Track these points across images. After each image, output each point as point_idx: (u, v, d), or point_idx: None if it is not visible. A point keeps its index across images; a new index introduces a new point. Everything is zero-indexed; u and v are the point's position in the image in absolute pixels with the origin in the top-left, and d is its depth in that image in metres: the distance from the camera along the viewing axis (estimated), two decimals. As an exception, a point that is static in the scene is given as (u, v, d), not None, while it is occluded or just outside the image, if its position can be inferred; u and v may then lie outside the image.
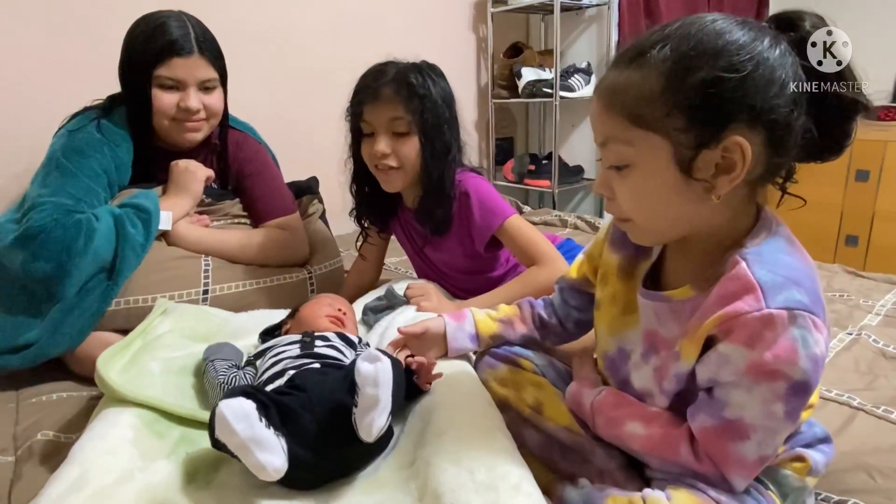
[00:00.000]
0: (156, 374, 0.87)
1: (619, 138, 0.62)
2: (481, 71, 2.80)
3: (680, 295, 0.66)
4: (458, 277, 1.29)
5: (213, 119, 1.31)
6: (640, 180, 0.62)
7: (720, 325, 0.58)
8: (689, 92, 0.57)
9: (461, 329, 0.92)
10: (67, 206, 1.12)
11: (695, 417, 0.63)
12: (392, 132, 1.13)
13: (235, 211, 1.41)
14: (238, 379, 0.85)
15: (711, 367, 0.60)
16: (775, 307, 0.55)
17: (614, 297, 0.77)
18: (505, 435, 0.72)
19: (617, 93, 0.61)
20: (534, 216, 2.29)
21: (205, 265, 1.26)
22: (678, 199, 0.61)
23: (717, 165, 0.59)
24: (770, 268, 0.58)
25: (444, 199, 1.17)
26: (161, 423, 0.80)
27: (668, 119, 0.58)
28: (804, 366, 0.55)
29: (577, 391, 0.78)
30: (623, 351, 0.75)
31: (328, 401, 0.70)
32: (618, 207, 0.66)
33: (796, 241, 0.64)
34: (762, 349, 0.55)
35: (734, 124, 0.57)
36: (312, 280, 1.40)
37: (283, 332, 1.03)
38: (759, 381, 0.56)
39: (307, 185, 1.63)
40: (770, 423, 0.58)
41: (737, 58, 0.56)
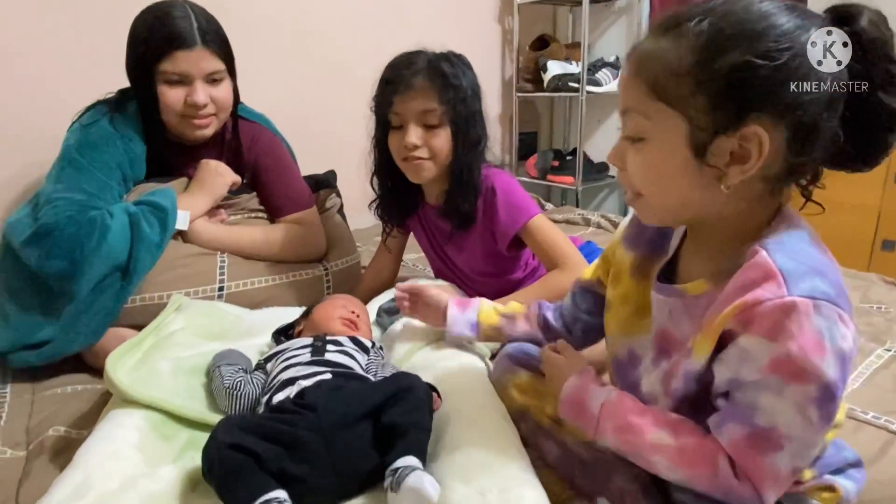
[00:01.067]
0: (165, 373, 0.85)
1: (638, 109, 0.59)
2: (506, 63, 2.75)
3: (694, 289, 0.62)
4: (477, 279, 1.26)
5: (223, 113, 1.28)
6: (652, 156, 0.59)
7: (738, 315, 0.54)
8: (717, 73, 0.54)
9: (463, 316, 0.92)
10: (81, 202, 1.12)
11: (722, 428, 0.57)
12: (423, 124, 1.09)
13: (252, 205, 1.40)
14: (244, 384, 0.83)
15: (731, 365, 0.55)
16: (798, 295, 0.51)
17: (626, 297, 0.73)
18: (520, 453, 0.69)
19: (646, 60, 0.58)
20: (556, 214, 2.24)
21: (220, 262, 1.25)
22: (687, 181, 0.58)
23: (732, 154, 0.56)
24: (792, 255, 0.54)
25: (470, 193, 1.14)
26: (168, 425, 0.78)
27: (691, 97, 0.55)
28: (833, 363, 0.51)
29: (581, 387, 0.68)
30: (634, 354, 0.72)
31: (340, 423, 0.68)
32: (628, 180, 0.63)
33: (819, 239, 0.60)
34: (785, 340, 0.51)
35: (757, 114, 0.54)
36: (329, 276, 1.38)
37: (295, 332, 1.01)
38: (789, 382, 0.52)
39: (324, 179, 1.60)
40: (806, 431, 0.53)
41: (774, 45, 0.53)
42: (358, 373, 0.84)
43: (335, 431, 0.67)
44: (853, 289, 1.45)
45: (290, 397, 0.75)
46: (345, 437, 0.67)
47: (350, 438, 0.68)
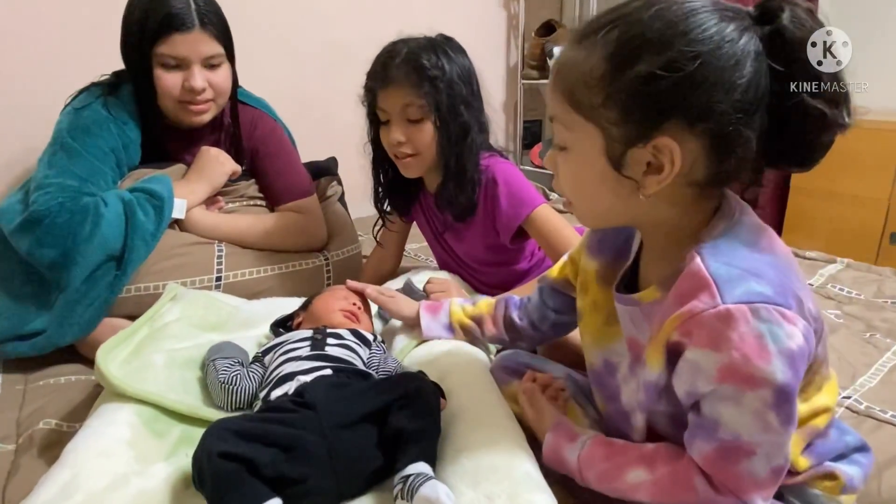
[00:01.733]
0: (159, 366, 0.82)
1: (560, 119, 0.59)
2: (511, 50, 2.69)
3: (647, 297, 0.62)
4: (480, 269, 1.23)
5: (221, 98, 1.24)
6: (574, 165, 0.60)
7: (679, 328, 0.54)
8: (624, 84, 0.53)
9: (435, 321, 0.93)
10: (73, 188, 1.08)
11: (692, 446, 0.57)
12: (406, 118, 1.07)
13: (251, 192, 1.36)
14: (240, 378, 0.80)
15: (685, 378, 0.55)
16: (732, 302, 0.51)
17: (595, 306, 0.72)
18: (528, 456, 0.67)
19: (563, 70, 0.58)
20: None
21: (218, 251, 1.22)
22: (608, 191, 0.58)
23: (649, 164, 0.55)
24: (726, 260, 0.54)
25: (465, 185, 1.11)
26: (161, 420, 0.75)
27: (603, 109, 0.55)
28: (780, 365, 0.50)
29: (554, 445, 0.69)
30: (610, 364, 0.70)
31: (341, 424, 0.65)
32: (559, 186, 0.63)
33: (765, 230, 0.59)
34: (729, 350, 0.51)
35: (668, 125, 0.53)
36: (329, 266, 1.35)
37: (294, 324, 0.98)
38: (743, 389, 0.52)
39: (325, 166, 1.57)
40: (770, 435, 0.53)
41: (681, 54, 0.51)
42: (360, 368, 0.81)
43: (337, 432, 0.64)
44: (866, 283, 1.41)
45: (288, 394, 0.73)
46: (347, 438, 0.65)
47: (352, 439, 0.65)
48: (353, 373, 0.79)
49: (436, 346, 0.92)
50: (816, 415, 0.62)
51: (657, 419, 0.64)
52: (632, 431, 0.68)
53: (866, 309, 1.27)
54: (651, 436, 0.66)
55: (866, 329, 1.20)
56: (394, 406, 0.66)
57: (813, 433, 0.63)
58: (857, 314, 1.25)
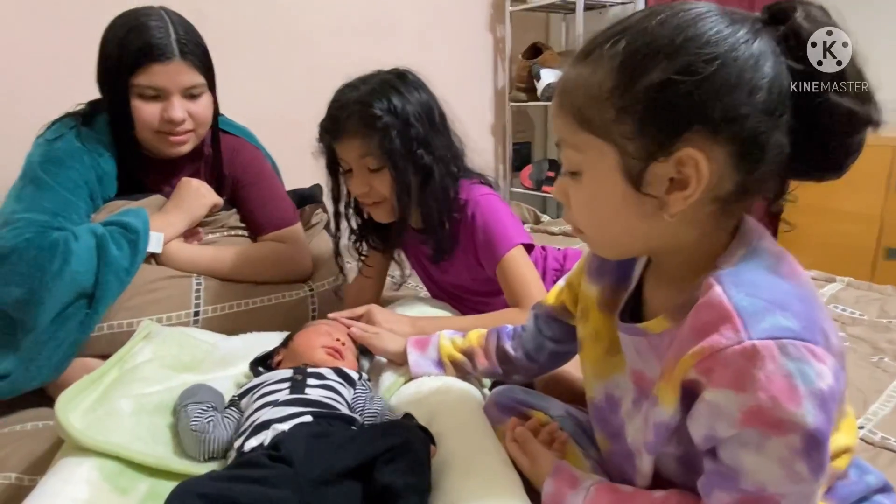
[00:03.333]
0: (125, 413, 0.76)
1: (568, 141, 0.56)
2: (498, 73, 2.69)
3: (655, 327, 0.57)
4: (472, 299, 1.19)
5: (201, 128, 1.20)
6: (589, 189, 0.55)
7: (698, 365, 0.49)
8: (638, 95, 0.49)
9: (425, 357, 0.88)
10: (42, 223, 1.03)
11: (710, 496, 0.52)
12: (366, 168, 1.04)
13: (232, 222, 1.32)
14: (213, 426, 0.74)
15: (703, 422, 0.50)
16: (758, 338, 0.46)
17: (597, 335, 0.67)
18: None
19: (568, 90, 0.55)
20: (552, 226, 2.17)
21: (196, 284, 1.17)
22: (628, 213, 0.54)
23: (672, 180, 0.51)
24: (749, 290, 0.49)
25: (434, 228, 1.08)
26: (126, 475, 0.69)
27: (616, 124, 0.51)
28: (812, 408, 0.45)
29: (555, 493, 0.64)
30: (612, 398, 0.66)
31: (321, 480, 0.60)
32: (571, 217, 0.59)
33: (786, 256, 0.54)
34: (755, 391, 0.46)
35: (690, 134, 0.49)
36: (314, 297, 1.29)
37: (274, 363, 0.92)
38: (768, 434, 0.47)
39: (310, 193, 1.53)
40: (799, 486, 0.48)
41: (696, 57, 0.48)
42: (342, 413, 0.76)
43: (316, 489, 0.59)
44: (868, 302, 1.38)
45: (264, 445, 0.67)
46: (327, 497, 0.59)
47: (333, 497, 0.59)
48: (335, 418, 0.73)
49: (424, 384, 0.86)
50: (837, 456, 0.57)
51: (665, 461, 0.59)
52: (635, 474, 0.62)
53: (871, 330, 1.23)
54: (657, 479, 0.61)
55: (873, 352, 1.15)
56: (379, 460, 0.61)
57: (834, 476, 0.58)
58: (863, 336, 1.21)
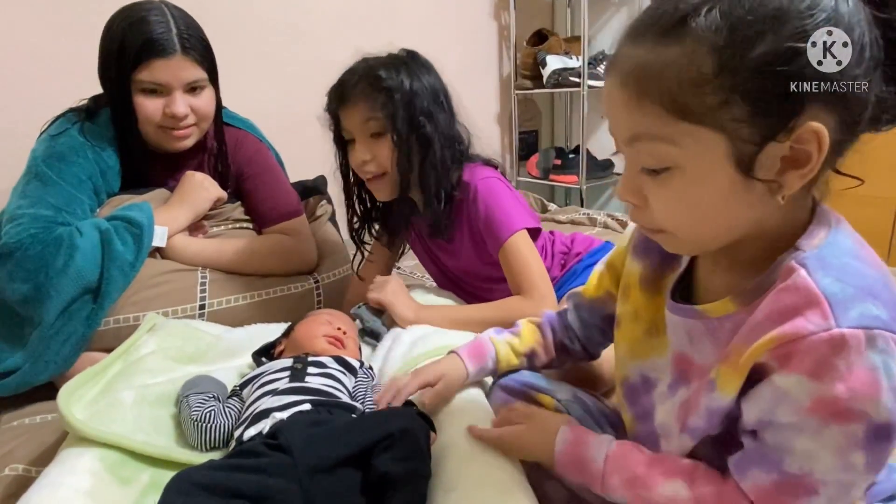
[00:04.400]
0: (127, 405, 0.76)
1: (655, 135, 0.49)
2: (503, 60, 2.66)
3: (718, 310, 0.54)
4: (480, 285, 1.18)
5: (204, 122, 1.20)
6: (685, 185, 0.49)
7: (775, 350, 0.46)
8: (750, 72, 0.44)
9: (483, 370, 0.80)
10: (47, 218, 1.04)
11: (745, 473, 0.51)
12: (369, 134, 1.03)
13: (237, 215, 1.32)
14: (214, 415, 0.74)
15: (763, 405, 0.48)
16: (847, 326, 0.44)
17: (637, 315, 0.65)
18: (525, 493, 0.61)
19: (650, 77, 0.47)
20: (560, 214, 2.15)
21: (201, 278, 1.17)
22: (735, 203, 0.49)
23: (784, 158, 0.47)
24: (837, 275, 0.46)
25: (431, 200, 1.06)
26: (128, 465, 0.70)
27: (725, 108, 0.45)
28: (888, 402, 0.44)
29: (575, 439, 0.62)
30: (647, 379, 0.64)
31: (319, 468, 0.59)
32: (650, 217, 0.53)
33: (863, 241, 0.51)
34: (832, 381, 0.44)
35: (809, 107, 0.45)
36: (319, 290, 1.29)
37: (276, 353, 0.92)
38: (829, 423, 0.45)
39: (314, 185, 1.52)
40: (847, 476, 0.46)
41: (809, 19, 0.44)
42: (343, 401, 0.75)
43: (314, 477, 0.59)
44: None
45: (262, 434, 0.67)
46: (325, 485, 0.59)
47: (331, 486, 0.59)
48: (335, 406, 0.73)
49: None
50: None
51: (700, 443, 0.57)
52: None
53: None
54: None
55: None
56: (378, 447, 0.60)
57: None
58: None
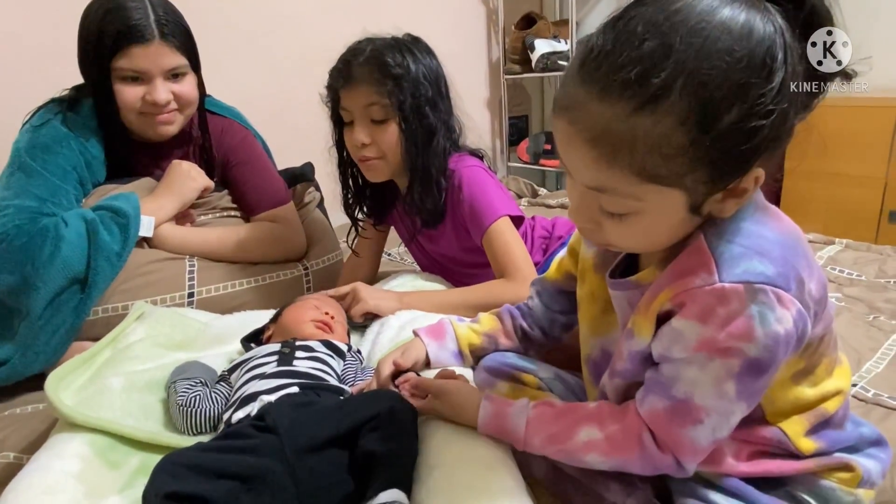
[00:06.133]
0: (116, 391, 0.77)
1: (621, 192, 0.52)
2: (492, 45, 2.65)
3: (647, 277, 0.59)
4: (462, 271, 1.19)
5: (187, 109, 1.19)
6: (641, 224, 0.54)
7: (673, 299, 0.53)
8: (715, 143, 0.48)
9: (443, 349, 0.83)
10: (32, 209, 1.03)
11: (644, 400, 0.57)
12: (370, 119, 1.02)
13: (224, 203, 1.31)
14: (200, 400, 0.75)
15: (664, 342, 0.55)
16: (729, 281, 0.51)
17: (593, 295, 0.70)
18: (509, 471, 0.61)
19: (622, 145, 0.49)
20: (550, 199, 2.15)
21: (189, 266, 1.17)
22: (680, 229, 0.55)
23: (726, 192, 0.52)
24: (731, 238, 0.53)
25: (431, 189, 1.07)
26: (117, 449, 0.70)
27: (689, 174, 0.50)
28: (761, 343, 0.50)
29: (496, 411, 0.65)
30: (608, 353, 0.68)
31: (306, 448, 0.60)
32: (602, 237, 0.57)
33: (770, 208, 0.58)
34: (715, 325, 0.51)
35: (757, 161, 0.50)
36: (309, 276, 1.30)
37: (265, 338, 0.93)
38: (713, 356, 0.52)
39: (301, 172, 1.51)
40: (722, 404, 0.53)
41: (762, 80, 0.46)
42: (331, 384, 0.76)
43: (301, 457, 0.59)
44: (867, 263, 1.36)
45: (250, 415, 0.67)
46: (313, 464, 0.59)
47: (319, 465, 0.60)
48: (323, 389, 0.74)
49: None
50: (826, 399, 0.60)
51: (630, 386, 0.61)
52: None
53: (868, 290, 1.22)
54: None
55: (869, 311, 1.15)
56: (365, 428, 0.61)
57: (821, 416, 0.60)
58: (859, 296, 1.20)
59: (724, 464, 0.58)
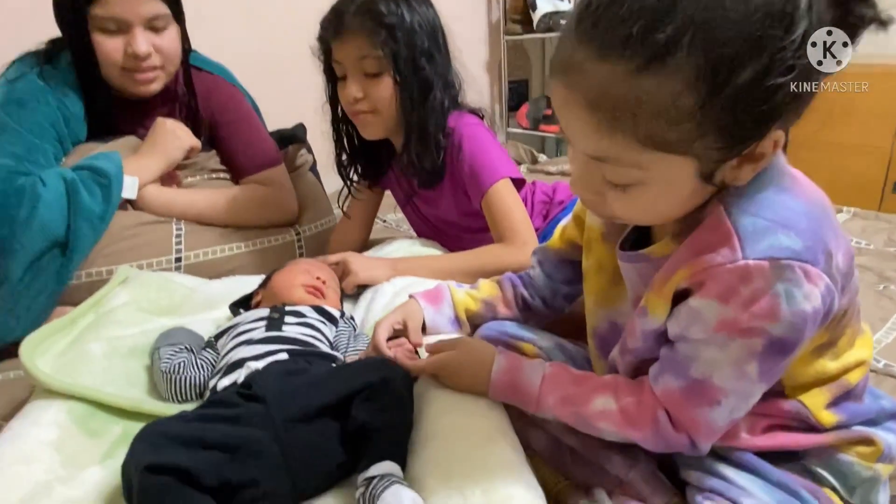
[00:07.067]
0: (97, 356, 0.74)
1: (623, 161, 0.48)
2: (492, 4, 2.56)
3: (661, 250, 0.56)
4: (459, 236, 1.15)
5: (170, 65, 1.13)
6: (647, 196, 0.51)
7: (691, 277, 0.50)
8: (727, 103, 0.43)
9: (440, 314, 0.79)
10: (7, 168, 0.98)
11: (658, 379, 0.55)
12: (363, 72, 0.97)
13: (212, 165, 1.26)
14: (184, 367, 0.71)
15: (681, 322, 0.52)
16: (754, 258, 0.47)
17: (600, 266, 0.67)
18: (509, 442, 0.59)
19: (624, 109, 0.45)
20: (550, 165, 2.10)
21: (177, 230, 1.12)
22: (690, 200, 0.51)
23: (741, 158, 0.48)
24: (754, 210, 0.49)
25: (429, 147, 1.02)
26: (97, 417, 0.67)
27: (699, 140, 0.45)
28: (787, 322, 0.48)
29: (509, 366, 0.62)
30: (615, 326, 0.66)
31: (295, 418, 0.57)
32: (606, 209, 0.54)
33: (794, 173, 0.54)
34: (737, 305, 0.48)
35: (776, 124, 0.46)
36: (301, 242, 1.26)
37: (253, 303, 0.89)
38: (734, 337, 0.49)
39: (293, 134, 1.46)
40: (742, 385, 0.51)
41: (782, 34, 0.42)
42: (322, 350, 0.73)
43: (290, 427, 0.56)
44: (875, 232, 1.33)
45: (237, 383, 0.64)
46: (302, 434, 0.57)
47: (309, 435, 0.57)
48: (313, 356, 0.70)
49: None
50: (848, 370, 0.57)
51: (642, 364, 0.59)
52: None
53: (878, 259, 1.19)
54: None
55: (879, 280, 1.12)
56: (358, 397, 0.58)
57: (843, 388, 0.57)
58: (869, 265, 1.17)
59: (738, 438, 0.56)
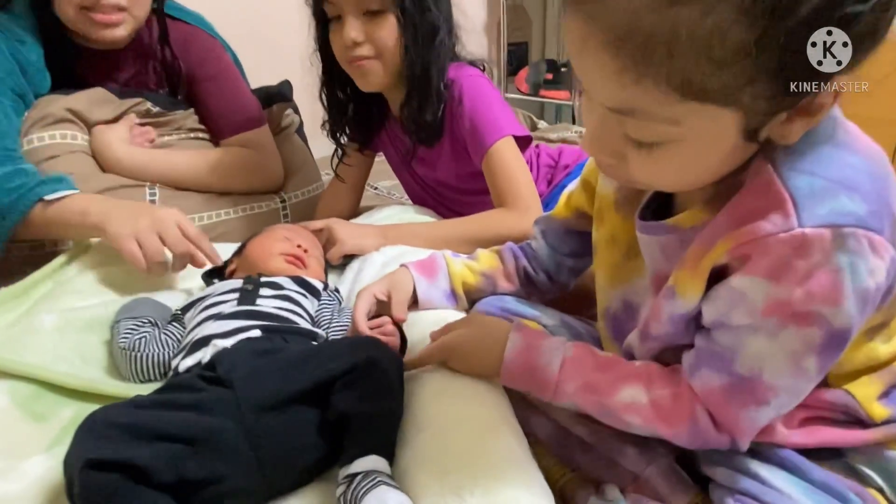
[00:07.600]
0: (47, 330, 0.66)
1: (653, 115, 0.40)
2: (492, -38, 2.43)
3: (689, 220, 0.49)
4: (459, 199, 1.08)
5: (137, 8, 1.02)
6: (679, 156, 0.43)
7: (734, 250, 0.43)
8: (788, 47, 0.35)
9: (434, 287, 0.72)
10: None
11: (696, 374, 0.48)
12: (363, 11, 0.87)
13: (190, 123, 1.17)
14: (144, 344, 0.64)
15: (721, 306, 0.45)
16: (812, 224, 0.40)
17: (614, 238, 0.60)
18: (513, 433, 0.52)
19: (656, 50, 0.37)
20: (550, 133, 2.00)
21: (150, 194, 1.04)
22: (729, 161, 0.44)
23: (793, 111, 0.40)
24: (811, 168, 0.42)
25: (430, 98, 0.94)
26: (44, 399, 0.60)
27: (746, 87, 0.37)
28: (849, 307, 0.41)
29: (526, 344, 0.55)
30: (630, 305, 0.59)
31: (265, 406, 0.50)
32: (626, 174, 0.46)
33: (851, 128, 0.46)
34: (791, 283, 0.41)
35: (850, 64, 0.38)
36: (286, 209, 1.18)
37: (227, 273, 0.81)
38: (787, 325, 0.43)
39: (278, 91, 1.37)
40: (797, 381, 0.45)
41: None
42: (301, 326, 0.65)
43: (260, 416, 0.49)
44: None
45: (201, 363, 0.57)
46: (274, 424, 0.50)
47: (281, 426, 0.50)
48: (291, 333, 0.63)
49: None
50: None
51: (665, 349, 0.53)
52: None
53: None
54: None
55: None
56: (339, 382, 0.51)
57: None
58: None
59: (774, 434, 0.50)
